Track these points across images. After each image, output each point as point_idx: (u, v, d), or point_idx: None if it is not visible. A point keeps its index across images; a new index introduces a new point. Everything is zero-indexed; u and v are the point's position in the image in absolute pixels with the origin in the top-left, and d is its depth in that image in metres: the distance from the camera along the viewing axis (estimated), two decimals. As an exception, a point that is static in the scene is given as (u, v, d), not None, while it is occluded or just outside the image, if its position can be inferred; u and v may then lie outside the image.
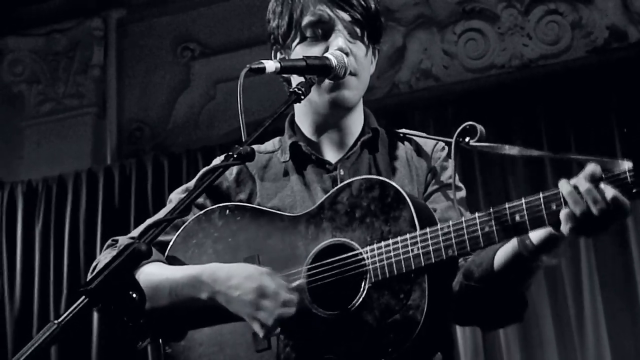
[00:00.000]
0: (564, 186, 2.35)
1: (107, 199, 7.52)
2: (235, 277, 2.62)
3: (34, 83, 8.15)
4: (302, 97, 2.61)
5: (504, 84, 6.89)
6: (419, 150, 2.99)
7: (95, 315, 7.04)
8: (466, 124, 2.81)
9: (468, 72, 7.11)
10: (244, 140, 2.39)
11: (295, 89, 2.61)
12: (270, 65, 2.60)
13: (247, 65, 2.56)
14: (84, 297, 1.98)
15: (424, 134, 3.04)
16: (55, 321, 1.95)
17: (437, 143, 2.99)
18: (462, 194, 2.95)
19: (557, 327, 6.19)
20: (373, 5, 2.94)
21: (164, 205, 2.78)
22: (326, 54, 2.77)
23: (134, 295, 2.04)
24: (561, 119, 6.55)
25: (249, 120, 2.50)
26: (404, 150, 2.99)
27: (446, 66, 7.12)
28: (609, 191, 2.29)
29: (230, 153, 2.35)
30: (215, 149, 7.14)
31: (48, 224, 7.60)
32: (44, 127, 8.05)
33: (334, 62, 2.74)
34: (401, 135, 3.04)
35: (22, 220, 7.65)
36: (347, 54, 2.80)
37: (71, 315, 1.96)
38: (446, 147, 2.96)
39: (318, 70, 2.71)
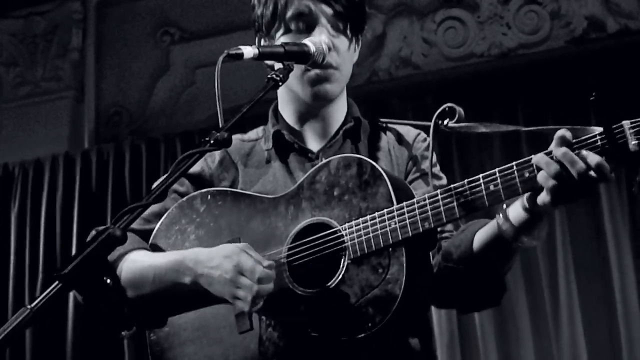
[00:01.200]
0: (537, 155, 2.37)
1: (84, 184, 7.48)
2: (215, 258, 2.64)
3: (12, 66, 8.10)
4: (280, 83, 2.62)
5: (483, 73, 6.91)
6: (400, 139, 3.01)
7: (71, 302, 7.03)
8: (445, 105, 2.84)
9: (447, 61, 7.12)
10: (220, 126, 2.39)
11: (273, 76, 2.62)
12: (249, 51, 2.61)
13: (225, 51, 2.56)
14: (57, 282, 1.97)
15: (405, 122, 3.06)
16: (29, 306, 1.94)
17: (419, 133, 3.02)
18: (443, 182, 2.97)
19: (532, 317, 6.21)
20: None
21: (141, 190, 2.80)
22: (304, 41, 2.79)
23: (108, 281, 2.03)
24: (540, 108, 6.57)
25: (230, 105, 2.51)
26: (385, 140, 3.01)
27: (425, 54, 7.13)
28: (587, 153, 2.29)
29: (207, 139, 2.36)
30: (194, 134, 7.14)
31: (24, 208, 7.56)
32: (21, 110, 7.99)
33: (312, 48, 2.76)
34: (383, 125, 3.06)
35: (-2, 204, 7.60)
36: (329, 49, 2.81)
37: (44, 300, 1.96)
38: (427, 138, 2.98)
39: (296, 56, 2.73)
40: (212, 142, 2.34)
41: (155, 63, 7.90)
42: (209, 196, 2.89)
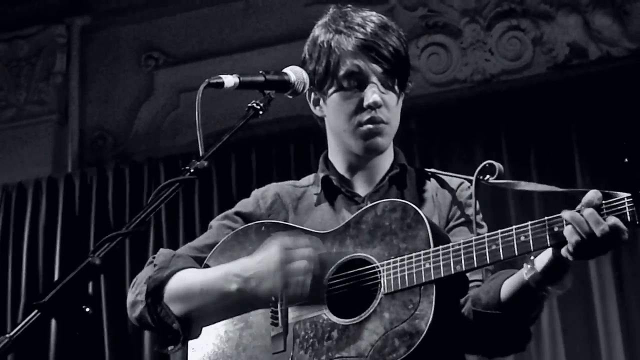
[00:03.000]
0: (567, 212, 2.50)
1: (67, 207, 7.46)
2: (258, 256, 2.82)
3: (-4, 89, 8.09)
4: (260, 112, 2.70)
5: (466, 99, 6.93)
6: (443, 185, 3.14)
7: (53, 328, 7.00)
8: (485, 162, 2.99)
9: (431, 86, 7.15)
10: (201, 154, 2.42)
11: (254, 104, 2.69)
12: (229, 80, 2.67)
13: (206, 80, 2.62)
14: (36, 310, 1.98)
15: (449, 173, 3.18)
16: (7, 335, 1.95)
17: (462, 182, 3.11)
18: (484, 230, 3.05)
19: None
20: (403, 52, 3.09)
21: (124, 214, 2.82)
22: (285, 70, 2.88)
23: (87, 309, 2.04)
24: (522, 134, 6.61)
25: (215, 129, 2.53)
26: (429, 187, 3.14)
27: (409, 80, 7.13)
28: (609, 217, 2.44)
29: (187, 167, 2.40)
30: (178, 158, 7.14)
31: (7, 232, 7.53)
32: (4, 134, 7.96)
33: (292, 77, 2.85)
34: (428, 173, 3.18)
35: (-20, 227, 7.57)
36: (380, 107, 2.97)
37: (23, 328, 1.96)
38: (471, 187, 3.06)
39: (277, 85, 2.81)
40: (192, 170, 2.39)
41: (139, 87, 7.90)
42: (263, 227, 3.03)
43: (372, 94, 2.97)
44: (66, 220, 7.44)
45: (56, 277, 7.22)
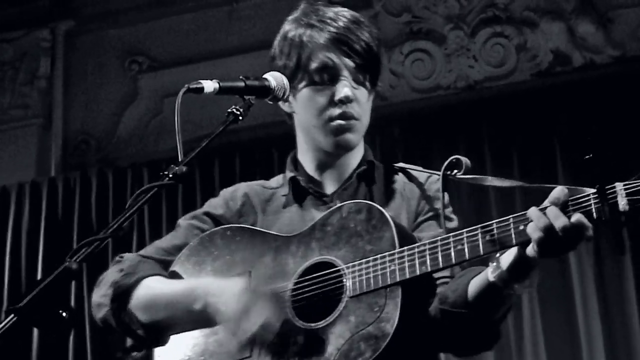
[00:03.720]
0: (531, 209, 2.48)
1: (50, 212, 7.45)
2: (225, 293, 2.75)
3: (-21, 93, 8.08)
4: (240, 117, 2.69)
5: (449, 105, 6.95)
6: (411, 180, 3.12)
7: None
8: (452, 157, 2.96)
9: (414, 92, 7.16)
10: (180, 160, 2.42)
11: (234, 110, 2.69)
12: (209, 85, 2.66)
13: (186, 85, 2.62)
14: (12, 315, 1.98)
15: (418, 168, 3.17)
16: (-17, 339, 1.95)
17: (430, 176, 3.10)
18: (454, 224, 3.04)
19: (497, 350, 6.23)
20: (375, 50, 3.05)
21: (107, 219, 2.81)
22: (265, 75, 2.87)
23: (64, 314, 2.04)
24: (505, 140, 6.64)
25: (199, 134, 2.54)
26: (398, 181, 3.12)
27: (393, 86, 7.16)
28: (574, 214, 2.41)
29: (166, 172, 2.40)
30: (161, 163, 7.11)
31: (-10, 235, 7.51)
32: (-13, 138, 7.97)
33: (273, 83, 2.84)
34: (396, 168, 3.17)
35: (-37, 231, 7.55)
36: (351, 101, 2.96)
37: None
38: (439, 179, 3.04)
39: (257, 91, 2.80)
40: (170, 175, 2.39)
41: (123, 92, 7.90)
42: (229, 232, 3.02)
43: (343, 88, 2.96)
44: (49, 224, 7.43)
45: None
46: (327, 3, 3.12)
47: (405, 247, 2.65)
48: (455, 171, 2.93)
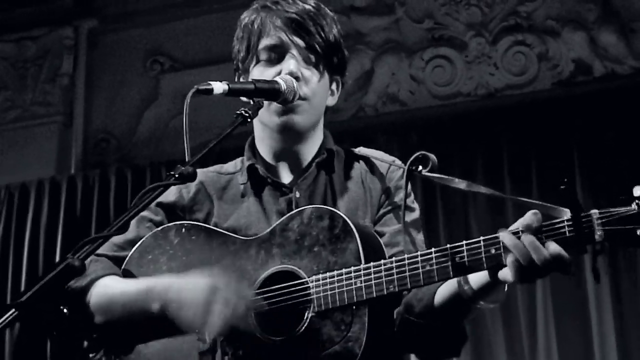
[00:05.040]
0: (505, 235, 2.42)
1: (69, 209, 7.49)
2: (185, 289, 2.65)
3: (2, 89, 8.13)
4: (249, 119, 2.64)
5: (469, 112, 6.94)
6: (373, 170, 3.04)
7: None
8: (418, 153, 2.88)
9: (434, 99, 7.15)
10: (187, 160, 2.41)
11: (242, 111, 2.64)
12: (218, 86, 2.63)
13: (195, 87, 2.59)
14: (13, 310, 1.98)
15: (380, 154, 3.08)
16: (-17, 333, 1.97)
17: (390, 165, 3.02)
18: (416, 215, 2.99)
19: (509, 354, 6.22)
20: (332, 37, 2.97)
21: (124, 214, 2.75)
22: (276, 78, 2.82)
23: (64, 310, 2.05)
24: (524, 149, 6.61)
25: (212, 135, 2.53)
26: (359, 169, 3.04)
27: (413, 92, 7.16)
28: (552, 246, 2.37)
29: (172, 172, 2.39)
30: (179, 163, 7.12)
31: (8, 231, 7.57)
32: (9, 134, 8.02)
33: (283, 86, 2.78)
34: (358, 155, 3.08)
35: (-18, 226, 7.60)
36: (297, 78, 2.86)
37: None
38: (401, 168, 2.99)
39: (266, 93, 2.76)
40: (177, 175, 2.38)
41: (144, 91, 7.93)
42: (184, 229, 2.92)
43: (289, 65, 2.87)
44: (67, 221, 7.46)
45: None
46: None
47: (372, 264, 2.57)
48: (421, 167, 2.85)
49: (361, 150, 3.10)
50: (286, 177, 3.01)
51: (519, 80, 7.00)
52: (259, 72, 2.92)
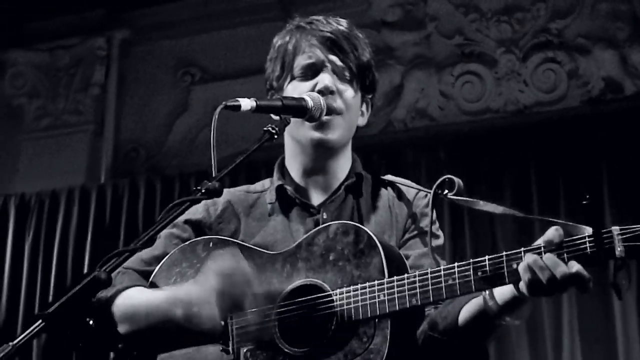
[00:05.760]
0: (528, 255, 2.45)
1: (98, 217, 7.55)
2: (207, 282, 2.67)
3: (34, 97, 8.21)
4: (276, 136, 2.67)
5: (498, 128, 6.93)
6: (400, 196, 3.07)
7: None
8: (444, 177, 2.92)
9: (463, 115, 7.15)
10: (214, 175, 2.44)
11: (270, 128, 2.67)
12: (246, 103, 2.66)
13: (223, 103, 2.62)
14: (39, 320, 2.01)
15: (407, 181, 3.12)
16: (10, 343, 1.99)
17: (418, 192, 3.06)
18: (439, 242, 3.02)
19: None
20: (365, 58, 3.02)
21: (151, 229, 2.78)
22: (303, 95, 2.85)
23: (90, 322, 2.08)
24: (552, 166, 6.59)
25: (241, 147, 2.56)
26: (386, 195, 3.07)
27: (442, 107, 7.17)
28: (572, 263, 2.40)
29: (199, 188, 2.41)
30: (209, 174, 7.14)
31: (38, 239, 7.62)
32: (41, 142, 8.10)
33: (310, 103, 2.81)
34: (385, 181, 3.11)
35: (12, 234, 7.67)
36: (332, 92, 2.90)
37: (26, 337, 2.00)
38: (428, 195, 3.02)
39: (294, 110, 2.79)
40: (203, 191, 2.40)
41: (175, 102, 7.98)
42: (211, 243, 2.94)
43: (324, 79, 2.91)
44: (96, 230, 7.52)
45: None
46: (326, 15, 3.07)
47: (395, 277, 2.61)
48: (447, 191, 2.89)
49: (388, 177, 3.13)
50: (315, 198, 3.04)
51: (548, 97, 6.98)
52: (293, 88, 2.95)
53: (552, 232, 2.45)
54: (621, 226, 2.38)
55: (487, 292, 2.61)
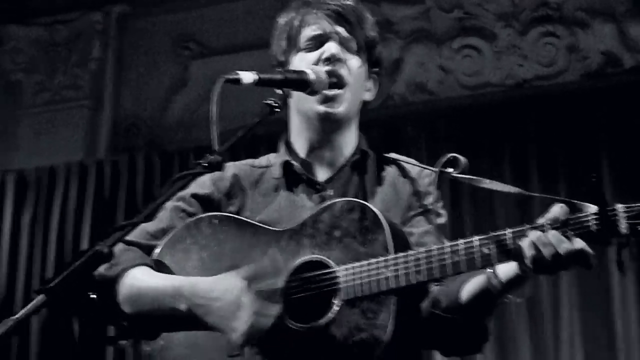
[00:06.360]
0: (531, 232, 2.46)
1: (97, 193, 7.53)
2: (215, 290, 2.69)
3: (33, 72, 8.17)
4: (277, 109, 2.68)
5: (497, 102, 6.92)
6: (404, 174, 3.08)
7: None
8: (449, 155, 2.94)
9: (463, 89, 7.14)
10: (215, 149, 2.43)
11: (271, 102, 2.67)
12: (247, 76, 2.65)
13: (223, 76, 2.60)
14: (42, 295, 2.01)
15: (410, 160, 3.13)
16: (12, 317, 1.99)
17: (422, 169, 3.07)
18: (443, 220, 3.04)
19: (534, 350, 6.21)
20: (372, 33, 3.04)
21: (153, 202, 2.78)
22: (304, 69, 2.84)
23: (93, 296, 2.08)
24: (551, 140, 6.58)
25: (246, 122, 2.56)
26: (390, 173, 3.08)
27: (441, 81, 7.15)
28: (576, 240, 2.41)
29: (200, 161, 2.41)
30: (209, 149, 7.13)
31: (37, 215, 7.61)
32: (39, 117, 8.06)
33: (311, 76, 2.81)
34: (389, 159, 3.13)
35: (11, 209, 7.66)
36: (339, 60, 2.91)
37: (28, 312, 2.01)
38: (432, 174, 3.04)
39: (295, 84, 2.79)
40: (205, 164, 2.40)
41: (174, 77, 7.95)
42: (216, 220, 2.95)
43: (330, 48, 2.93)
44: (95, 205, 7.51)
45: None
46: None
47: (400, 254, 2.61)
48: (451, 169, 2.91)
49: (392, 155, 3.14)
50: (321, 174, 3.05)
51: (547, 71, 6.96)
52: (300, 59, 2.96)
53: (557, 209, 2.46)
54: (626, 204, 2.39)
55: (491, 269, 2.62)
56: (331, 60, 2.91)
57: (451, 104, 7.05)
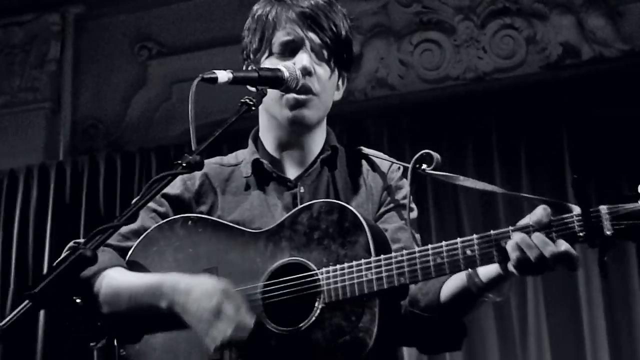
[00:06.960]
0: (516, 234, 2.46)
1: (58, 195, 7.46)
2: (194, 291, 2.65)
3: (-11, 76, 8.10)
4: (254, 107, 2.66)
5: (458, 96, 6.96)
6: (374, 168, 3.08)
7: (42, 318, 7.00)
8: (423, 151, 2.92)
9: (423, 83, 7.17)
10: (193, 149, 2.42)
11: (247, 100, 2.66)
12: (223, 75, 2.64)
13: (200, 75, 2.59)
14: (27, 301, 1.99)
15: (380, 154, 3.12)
16: (-1, 324, 1.98)
17: (392, 163, 3.08)
18: (414, 214, 3.02)
19: (500, 342, 6.25)
20: (344, 33, 3.01)
21: (115, 203, 2.77)
22: (278, 66, 2.84)
23: (77, 300, 2.06)
24: (513, 132, 6.63)
25: (213, 119, 2.55)
26: (360, 168, 3.08)
27: (402, 76, 7.17)
28: (560, 242, 2.40)
29: (179, 162, 2.39)
30: (170, 148, 7.14)
31: (-3, 218, 7.53)
32: (-3, 121, 7.99)
33: (285, 74, 2.81)
34: (360, 153, 3.12)
35: (-28, 214, 7.57)
36: (309, 74, 2.90)
37: (14, 318, 1.98)
38: (401, 168, 3.06)
39: (270, 81, 2.78)
40: (184, 165, 2.38)
41: (133, 77, 7.91)
42: (190, 222, 2.91)
43: (302, 60, 2.91)
44: (57, 208, 7.44)
45: (46, 264, 7.24)
46: None
47: (382, 256, 2.59)
48: (425, 165, 2.90)
49: (363, 149, 3.13)
50: (290, 171, 3.04)
51: (507, 63, 7.02)
52: (271, 64, 2.93)
53: (540, 212, 2.46)
54: (609, 205, 2.39)
55: (471, 269, 2.62)
56: (302, 73, 2.88)
57: (412, 98, 7.08)
